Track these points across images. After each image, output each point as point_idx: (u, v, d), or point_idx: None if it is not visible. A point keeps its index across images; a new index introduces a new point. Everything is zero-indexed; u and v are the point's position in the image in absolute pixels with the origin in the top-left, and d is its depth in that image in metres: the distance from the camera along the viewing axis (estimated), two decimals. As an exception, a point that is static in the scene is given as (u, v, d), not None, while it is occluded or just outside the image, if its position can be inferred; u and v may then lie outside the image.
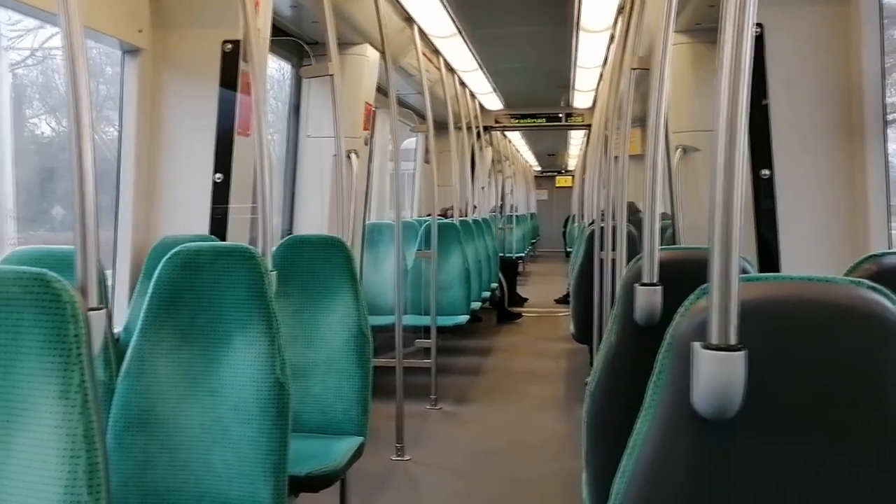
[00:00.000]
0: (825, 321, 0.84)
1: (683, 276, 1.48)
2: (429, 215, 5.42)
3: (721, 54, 0.85)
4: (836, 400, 0.83)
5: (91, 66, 3.25)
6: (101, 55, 3.28)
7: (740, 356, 0.81)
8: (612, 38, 4.79)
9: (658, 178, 1.65)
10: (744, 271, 1.44)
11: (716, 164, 0.86)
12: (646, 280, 1.49)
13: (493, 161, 10.30)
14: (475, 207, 7.65)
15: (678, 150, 3.37)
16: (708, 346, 0.82)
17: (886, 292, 0.85)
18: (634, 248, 3.50)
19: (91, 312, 1.14)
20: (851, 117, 2.32)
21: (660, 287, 1.46)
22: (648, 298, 1.46)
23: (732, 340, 0.82)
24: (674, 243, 3.35)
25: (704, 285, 0.90)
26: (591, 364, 4.53)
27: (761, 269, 2.32)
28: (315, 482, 2.01)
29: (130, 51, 2.65)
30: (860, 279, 0.88)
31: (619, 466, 0.94)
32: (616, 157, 3.70)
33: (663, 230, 3.89)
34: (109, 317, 2.11)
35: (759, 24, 2.36)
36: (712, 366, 0.82)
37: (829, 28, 2.36)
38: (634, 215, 4.25)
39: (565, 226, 14.87)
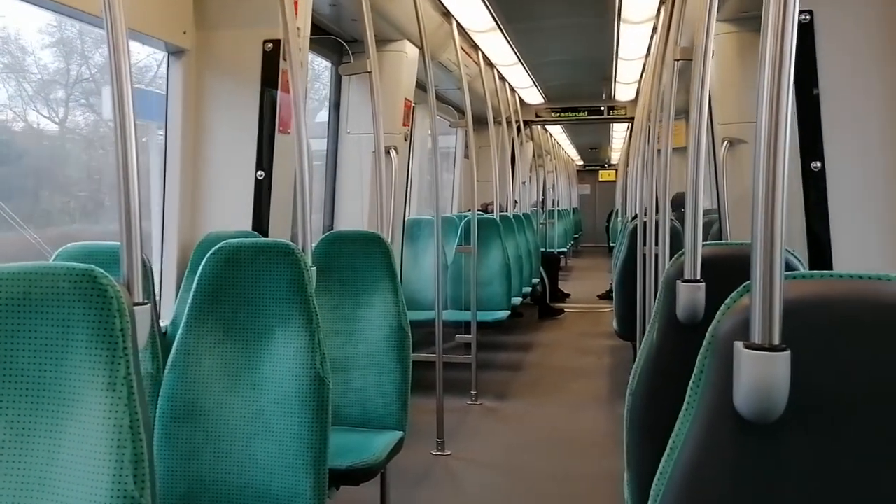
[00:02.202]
0: (875, 321, 0.81)
1: (728, 272, 1.44)
2: (468, 211, 5.41)
3: (763, 42, 0.82)
4: (887, 403, 0.80)
5: (77, 47, 3.28)
6: (87, 37, 3.24)
7: (784, 357, 0.79)
8: (654, 28, 4.71)
9: (701, 172, 1.61)
10: (793, 267, 1.40)
11: (758, 155, 0.83)
12: (688, 276, 1.46)
13: (534, 156, 10.23)
14: (516, 202, 7.62)
15: (724, 143, 3.30)
16: (750, 346, 0.80)
17: None
18: (679, 243, 3.43)
19: (136, 307, 1.17)
20: None
21: (703, 284, 1.43)
22: (691, 295, 1.43)
23: (776, 340, 0.80)
24: (720, 238, 3.28)
25: (748, 282, 0.87)
26: (636, 361, 4.46)
27: (812, 266, 2.25)
28: (355, 475, 2.03)
29: (175, 52, 2.72)
30: None
31: (658, 468, 0.93)
32: (659, 151, 3.65)
33: (710, 225, 3.82)
34: (156, 311, 2.17)
35: (808, 12, 2.29)
36: (754, 366, 0.79)
37: (883, 13, 2.27)
38: (682, 209, 4.16)
39: (608, 220, 14.70)
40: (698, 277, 1.46)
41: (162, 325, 2.50)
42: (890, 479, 0.79)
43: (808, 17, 2.26)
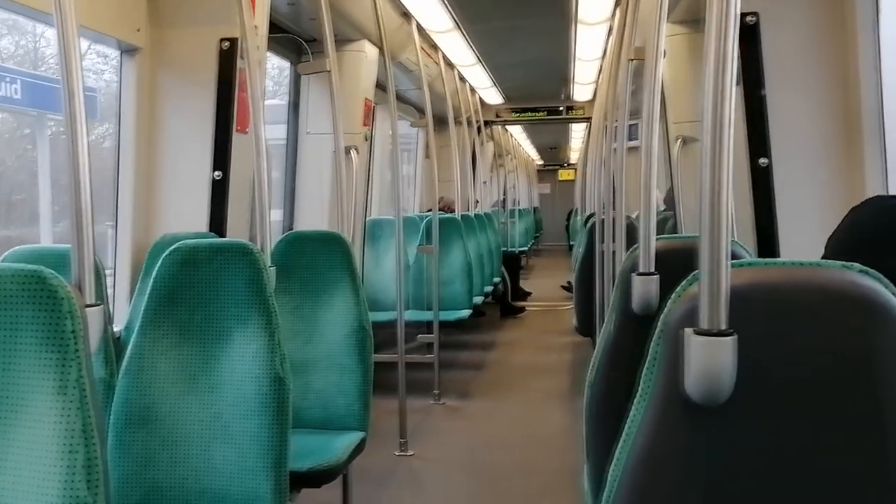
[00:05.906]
0: (816, 305, 0.84)
1: (680, 264, 1.48)
2: (429, 210, 5.42)
3: (707, 42, 0.85)
4: (829, 384, 0.83)
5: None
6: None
7: (731, 341, 0.81)
8: (610, 29, 4.79)
9: (653, 169, 1.65)
10: (740, 258, 1.44)
11: (704, 151, 0.86)
12: (642, 269, 1.49)
13: (494, 156, 10.30)
14: (477, 202, 7.64)
15: (678, 141, 3.37)
16: (698, 332, 0.82)
17: (878, 276, 0.85)
18: (635, 238, 3.50)
19: (88, 309, 1.14)
20: (849, 106, 2.31)
21: (656, 276, 1.47)
22: (645, 287, 1.46)
23: (723, 325, 0.82)
24: (675, 233, 3.35)
25: (696, 272, 0.90)
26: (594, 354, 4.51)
27: (760, 257, 2.32)
28: (317, 477, 2.02)
29: (128, 50, 2.66)
30: (850, 263, 0.88)
31: (612, 455, 0.95)
32: (615, 149, 3.70)
33: (665, 221, 3.90)
34: (107, 314, 2.12)
35: (754, 14, 2.35)
36: (703, 351, 0.82)
37: (825, 17, 2.35)
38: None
39: (568, 219, 14.86)
40: (652, 270, 1.49)
41: (115, 329, 2.45)
42: (832, 459, 0.82)
43: (754, 18, 2.33)
